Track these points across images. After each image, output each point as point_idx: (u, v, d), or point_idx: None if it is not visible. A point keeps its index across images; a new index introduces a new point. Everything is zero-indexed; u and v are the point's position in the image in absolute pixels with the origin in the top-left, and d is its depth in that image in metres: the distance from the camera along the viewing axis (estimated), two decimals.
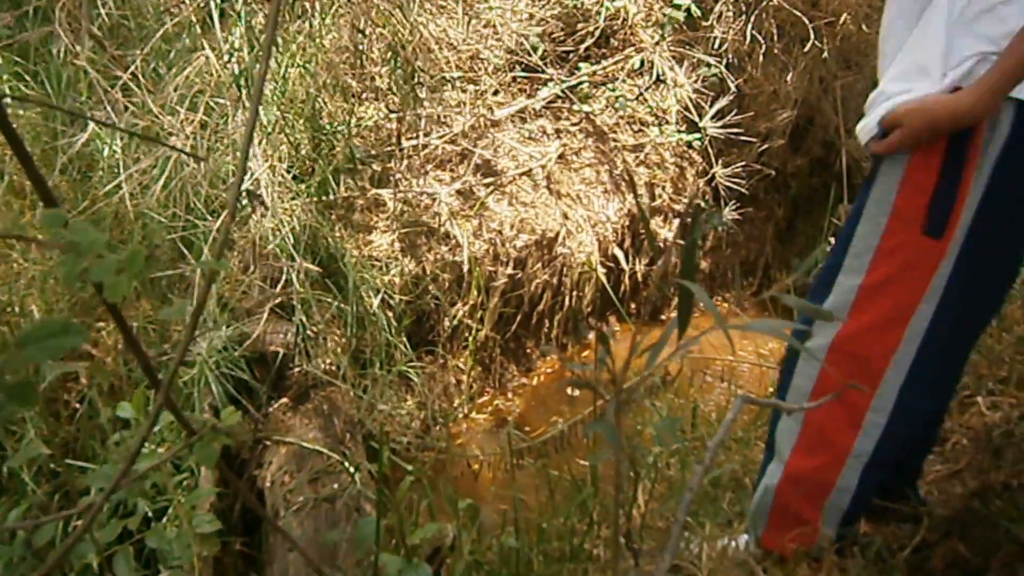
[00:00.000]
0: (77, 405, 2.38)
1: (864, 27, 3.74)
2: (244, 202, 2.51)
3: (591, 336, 3.81)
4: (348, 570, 1.77)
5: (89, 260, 0.67)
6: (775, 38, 3.90)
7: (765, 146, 4.06)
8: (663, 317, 4.11)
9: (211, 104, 2.68)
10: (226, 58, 2.71)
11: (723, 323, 0.64)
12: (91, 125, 2.47)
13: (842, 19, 3.73)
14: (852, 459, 1.45)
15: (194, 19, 2.72)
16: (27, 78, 2.68)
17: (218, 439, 0.98)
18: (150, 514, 2.05)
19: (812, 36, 3.72)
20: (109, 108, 2.53)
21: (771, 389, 2.51)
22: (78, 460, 2.27)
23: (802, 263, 0.73)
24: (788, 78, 3.92)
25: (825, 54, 3.80)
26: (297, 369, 2.67)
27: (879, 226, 1.42)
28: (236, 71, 2.69)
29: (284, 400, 2.64)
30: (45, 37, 2.69)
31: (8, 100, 2.20)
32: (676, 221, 4.02)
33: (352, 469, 2.43)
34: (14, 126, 0.77)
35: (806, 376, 1.50)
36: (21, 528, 1.20)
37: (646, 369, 0.73)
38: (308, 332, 2.67)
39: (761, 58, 3.90)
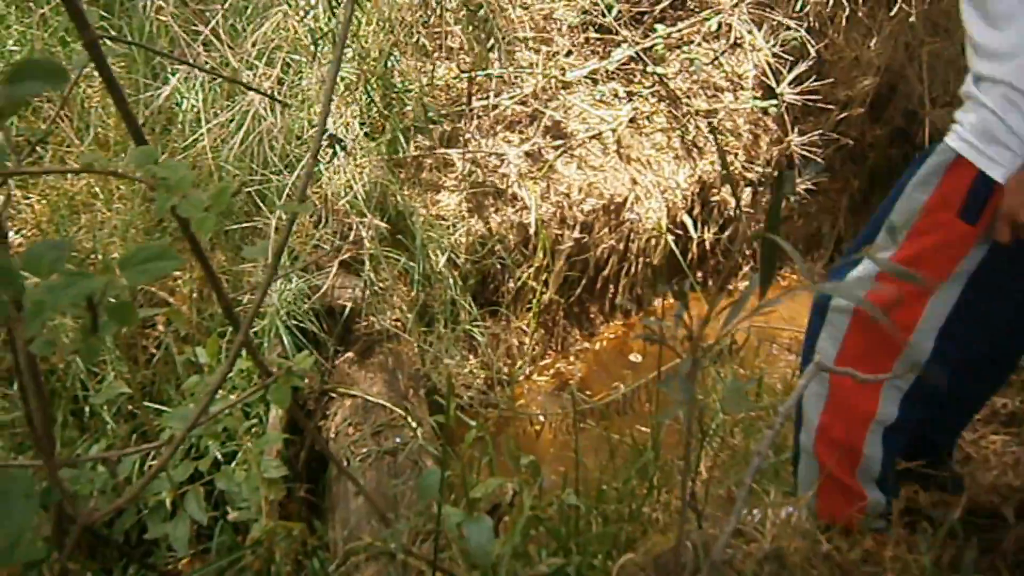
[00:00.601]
0: (154, 351, 2.47)
1: None
2: (326, 145, 2.54)
3: (657, 303, 3.78)
4: (411, 520, 1.80)
5: (178, 196, 0.69)
6: (860, 1, 3.75)
7: (844, 114, 3.93)
8: (731, 288, 4.05)
9: (287, 60, 2.71)
10: (302, 14, 2.73)
11: (812, 274, 0.62)
12: (173, 79, 2.53)
13: None
14: (875, 424, 1.47)
15: None
16: (112, 32, 2.75)
17: (292, 380, 1.01)
18: (220, 457, 2.12)
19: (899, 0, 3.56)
20: (188, 65, 2.58)
21: None
22: (154, 403, 2.36)
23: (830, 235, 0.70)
24: (872, 44, 3.77)
25: (912, 19, 3.64)
26: (364, 324, 2.72)
27: (918, 203, 1.41)
28: (312, 27, 2.71)
29: (350, 354, 2.69)
30: None
31: (105, 42, 2.25)
32: (748, 189, 3.93)
33: (415, 424, 2.47)
34: (120, 86, 0.79)
35: (832, 340, 1.50)
36: (106, 458, 1.26)
37: (725, 326, 0.72)
38: (376, 288, 2.71)
39: (844, 22, 3.75)
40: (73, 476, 1.27)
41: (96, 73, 0.79)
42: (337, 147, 2.52)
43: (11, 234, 2.35)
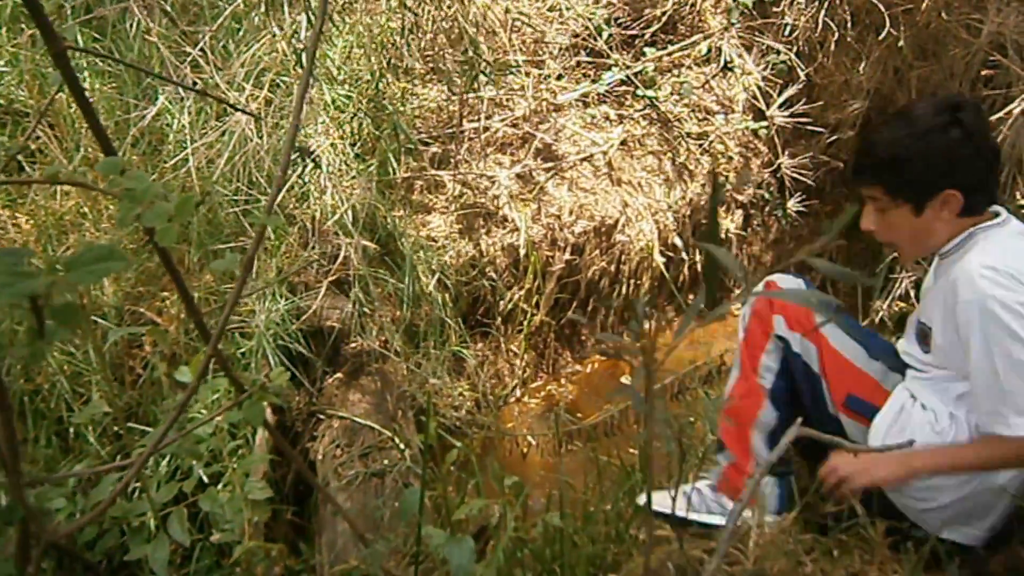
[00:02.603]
0: (141, 371, 2.45)
1: (944, 15, 3.60)
2: (298, 158, 2.54)
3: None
4: (392, 540, 1.78)
5: (143, 206, 0.68)
6: (849, 26, 3.78)
7: (834, 137, 3.95)
8: (718, 308, 4.03)
9: (276, 81, 2.72)
10: (291, 37, 2.75)
11: (749, 281, 0.62)
12: (160, 99, 2.53)
13: (921, 6, 3.59)
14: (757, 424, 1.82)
15: None
16: (102, 54, 2.76)
17: (267, 397, 1.00)
18: (205, 479, 2.10)
19: (888, 24, 3.59)
20: (175, 85, 2.59)
21: None
22: (139, 424, 2.34)
23: (832, 227, 0.70)
24: (861, 67, 3.80)
25: (901, 43, 3.66)
26: (352, 344, 2.70)
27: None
28: (299, 49, 2.72)
29: (338, 375, 2.67)
30: (121, 13, 2.77)
31: (95, 61, 2.26)
32: (739, 212, 3.94)
33: (402, 446, 2.45)
34: (88, 98, 0.78)
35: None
36: (80, 476, 1.24)
37: (675, 338, 0.71)
38: (364, 309, 2.70)
39: (833, 46, 3.78)
40: (47, 493, 1.26)
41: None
42: (307, 159, 2.52)
43: None
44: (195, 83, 2.53)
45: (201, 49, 2.62)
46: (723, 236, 3.92)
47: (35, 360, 0.55)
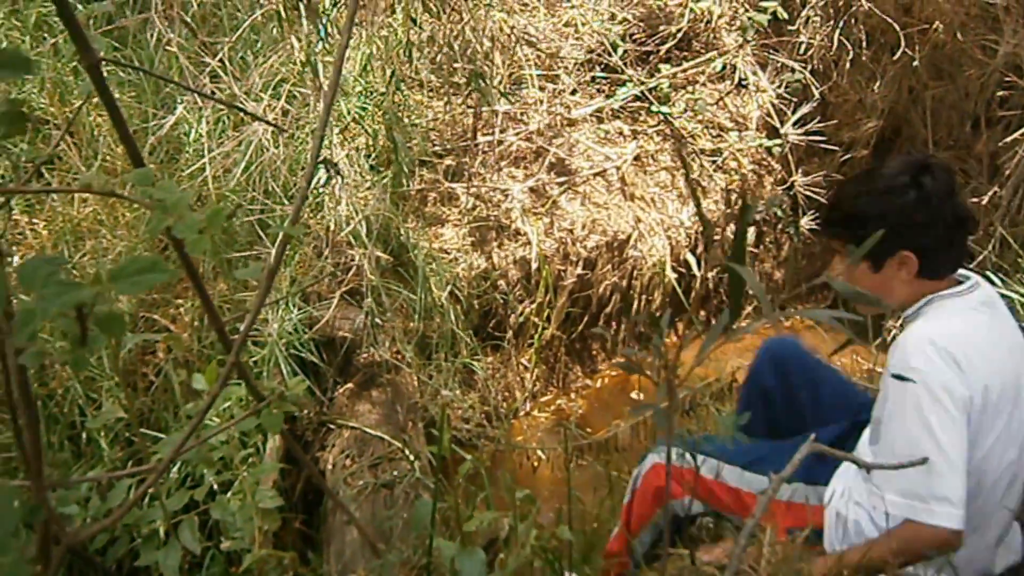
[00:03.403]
0: (154, 378, 2.47)
1: (958, 35, 3.61)
2: (320, 170, 2.56)
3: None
4: (403, 551, 1.79)
5: (173, 218, 0.69)
6: (864, 45, 3.79)
7: (848, 156, 3.96)
8: (735, 327, 4.03)
9: (293, 93, 2.74)
10: (310, 47, 2.77)
11: (769, 307, 0.62)
12: (179, 108, 2.56)
13: (936, 26, 3.60)
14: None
15: (282, 10, 2.79)
16: (124, 63, 2.79)
17: (284, 406, 1.01)
18: (216, 487, 2.11)
19: (903, 43, 3.60)
20: (196, 94, 2.62)
21: None
22: (152, 430, 2.35)
23: (857, 252, 0.71)
24: (875, 87, 3.81)
25: (916, 63, 3.67)
26: (364, 355, 2.71)
27: None
28: (319, 62, 2.75)
29: (350, 385, 2.68)
30: (142, 24, 2.81)
31: (115, 70, 2.29)
32: (752, 229, 3.94)
33: (412, 457, 2.45)
34: (119, 108, 0.80)
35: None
36: (98, 480, 1.25)
37: (700, 354, 0.72)
38: (376, 320, 2.71)
39: (848, 65, 3.79)
40: (61, 496, 1.27)
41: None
42: (331, 171, 2.54)
43: (15, 259, 2.37)
44: (214, 93, 2.55)
45: (220, 60, 2.65)
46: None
47: (78, 366, 0.56)
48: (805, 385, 1.92)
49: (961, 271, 1.61)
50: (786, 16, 3.75)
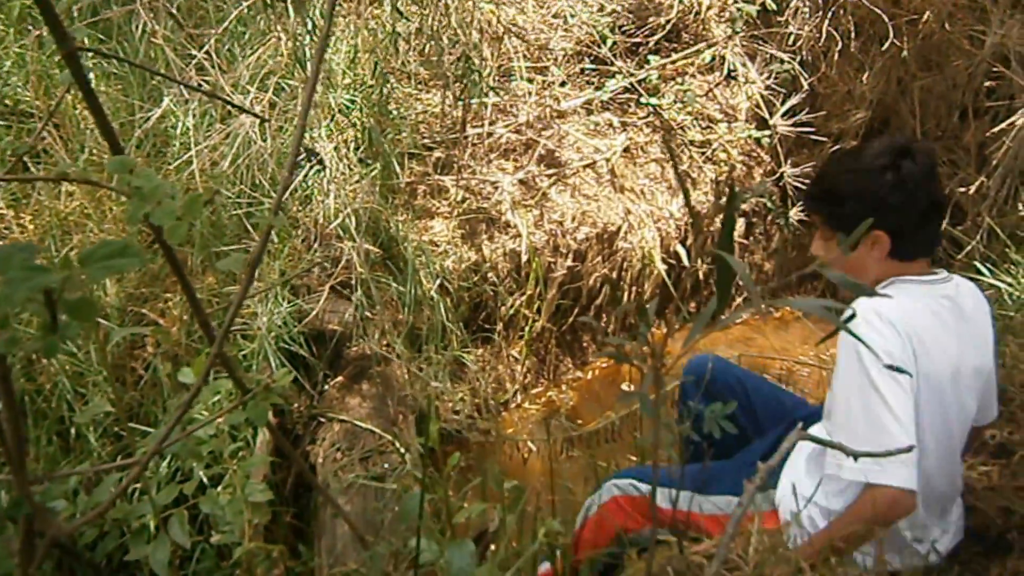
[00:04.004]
0: (142, 372, 2.46)
1: (947, 26, 3.61)
2: (303, 158, 2.55)
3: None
4: (392, 544, 1.79)
5: (152, 205, 0.69)
6: (852, 35, 3.79)
7: (837, 147, 3.96)
8: (724, 318, 4.04)
9: (281, 85, 2.73)
10: (296, 41, 2.76)
11: (757, 294, 0.62)
12: (166, 101, 2.54)
13: (924, 17, 3.60)
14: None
15: (268, 1, 2.78)
16: (108, 53, 2.77)
17: (270, 398, 1.00)
18: (205, 481, 2.11)
19: (891, 34, 3.60)
20: (182, 86, 2.60)
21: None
22: (141, 425, 2.34)
23: (847, 239, 0.71)
24: (864, 77, 3.81)
25: (904, 53, 3.68)
26: (354, 348, 2.71)
27: None
28: (306, 54, 2.73)
29: (339, 378, 2.68)
30: (127, 16, 2.78)
31: (100, 61, 2.28)
32: (742, 220, 3.95)
33: (403, 450, 2.45)
34: (97, 97, 0.79)
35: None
36: (84, 474, 1.24)
37: (686, 343, 0.71)
38: (366, 313, 2.70)
39: (836, 56, 3.80)
40: (48, 491, 1.26)
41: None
42: (314, 160, 2.53)
43: None
44: (200, 85, 2.54)
45: (206, 52, 2.63)
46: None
47: (48, 354, 0.56)
48: (736, 399, 1.94)
49: (944, 271, 1.63)
50: (775, 7, 3.75)
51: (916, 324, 1.49)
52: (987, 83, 3.69)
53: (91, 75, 2.72)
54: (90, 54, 2.61)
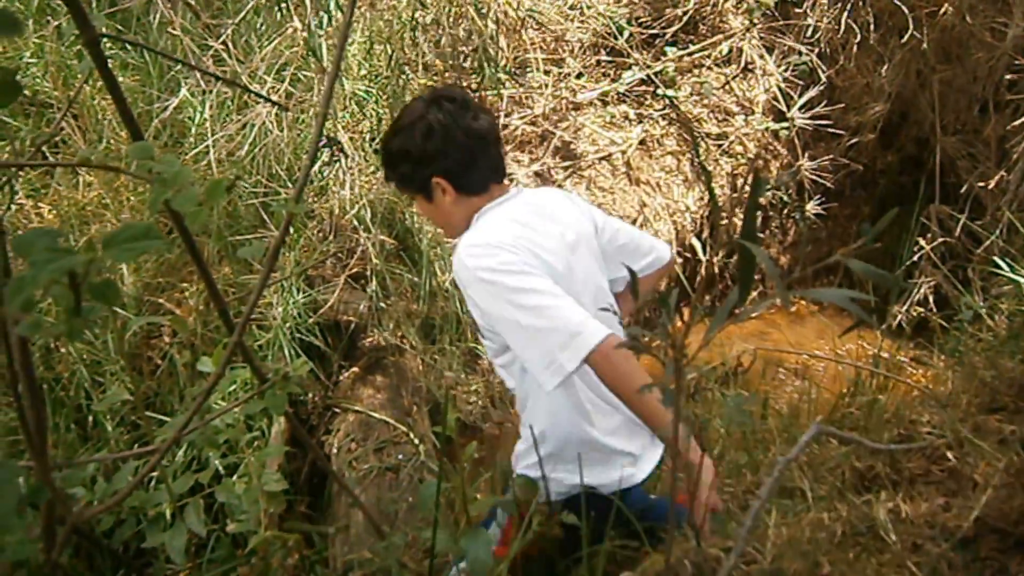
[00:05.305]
0: (159, 362, 2.47)
1: (967, 18, 3.57)
2: (324, 146, 2.56)
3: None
4: (407, 533, 1.79)
5: (173, 191, 0.69)
6: (871, 28, 3.75)
7: (854, 140, 3.93)
8: (744, 310, 4.02)
9: (297, 75, 2.73)
10: (311, 31, 2.76)
11: (782, 285, 0.61)
12: (183, 91, 2.55)
13: (944, 9, 3.56)
14: None
15: None
16: (127, 39, 2.78)
17: (288, 387, 1.00)
18: (221, 470, 2.12)
19: (911, 26, 3.57)
20: (199, 76, 2.61)
21: (844, 389, 2.43)
22: (157, 413, 2.36)
23: (870, 229, 0.70)
24: (883, 70, 3.78)
25: (924, 46, 3.64)
26: (369, 339, 2.71)
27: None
28: (322, 46, 2.73)
29: (354, 369, 2.68)
30: (145, 6, 2.79)
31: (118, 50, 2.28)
32: (758, 213, 3.93)
33: (417, 440, 2.46)
34: (118, 83, 0.79)
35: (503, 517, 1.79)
36: (103, 461, 1.25)
37: (707, 336, 0.71)
38: (381, 303, 2.71)
39: (855, 48, 3.76)
40: (67, 478, 1.27)
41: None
42: (335, 149, 2.53)
43: None
44: (217, 74, 2.54)
45: (223, 42, 2.63)
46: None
47: (72, 337, 0.56)
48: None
49: (514, 186, 1.69)
50: None
51: (514, 234, 1.55)
52: (1008, 76, 3.65)
53: (109, 65, 2.73)
54: (108, 43, 2.62)
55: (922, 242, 3.57)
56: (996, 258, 3.21)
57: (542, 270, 1.52)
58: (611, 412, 1.64)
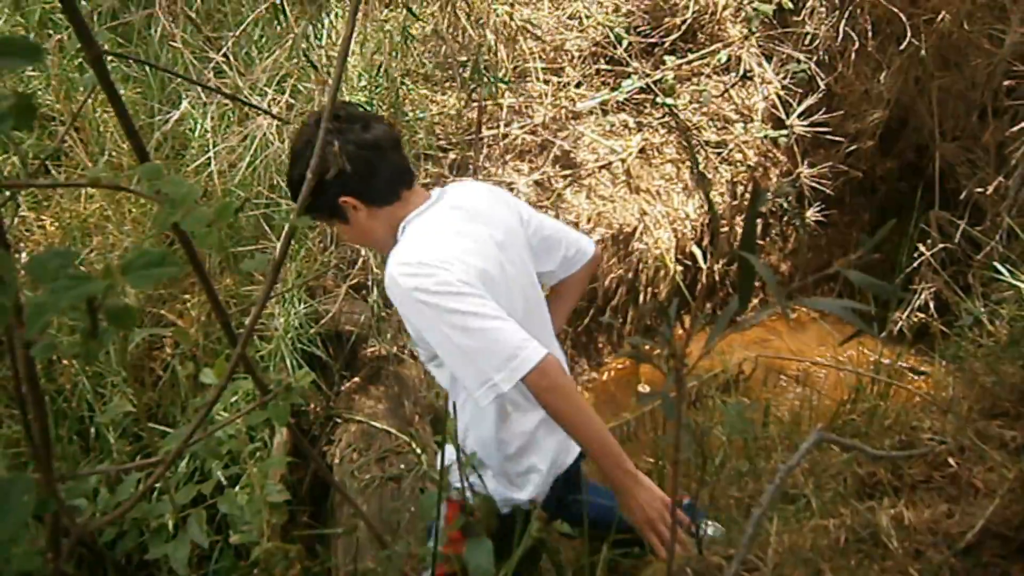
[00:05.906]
0: (161, 373, 2.48)
1: (965, 25, 3.58)
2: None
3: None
4: (410, 543, 1.79)
5: (181, 211, 0.70)
6: (869, 35, 3.77)
7: (853, 147, 3.94)
8: (744, 319, 4.03)
9: (297, 87, 2.75)
10: (309, 43, 2.78)
11: (780, 294, 0.62)
12: (184, 103, 2.56)
13: (942, 16, 3.57)
14: None
15: (285, 4, 2.80)
16: (129, 56, 2.80)
17: (291, 397, 1.01)
18: (224, 481, 2.12)
19: (909, 33, 3.58)
20: (199, 88, 2.62)
21: (845, 396, 2.43)
22: (160, 424, 2.36)
23: (871, 240, 0.71)
24: (881, 77, 3.79)
25: (922, 52, 3.65)
26: (370, 349, 2.72)
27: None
28: (321, 58, 2.75)
29: (356, 379, 2.69)
30: (146, 20, 2.81)
31: (120, 64, 2.30)
32: (758, 221, 3.94)
33: (419, 450, 2.46)
34: (123, 101, 0.80)
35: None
36: (107, 473, 1.25)
37: (707, 346, 0.71)
38: (382, 313, 2.71)
39: (853, 55, 3.78)
40: (70, 489, 1.27)
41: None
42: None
43: (23, 255, 2.38)
44: (218, 88, 2.56)
45: (224, 55, 2.65)
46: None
47: (88, 359, 0.57)
48: None
49: (437, 189, 1.68)
50: (791, 6, 3.74)
51: (447, 245, 1.54)
52: (1006, 82, 3.66)
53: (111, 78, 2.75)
54: (110, 62, 2.63)
55: (922, 248, 3.57)
56: (996, 264, 3.22)
57: (478, 282, 1.51)
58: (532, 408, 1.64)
